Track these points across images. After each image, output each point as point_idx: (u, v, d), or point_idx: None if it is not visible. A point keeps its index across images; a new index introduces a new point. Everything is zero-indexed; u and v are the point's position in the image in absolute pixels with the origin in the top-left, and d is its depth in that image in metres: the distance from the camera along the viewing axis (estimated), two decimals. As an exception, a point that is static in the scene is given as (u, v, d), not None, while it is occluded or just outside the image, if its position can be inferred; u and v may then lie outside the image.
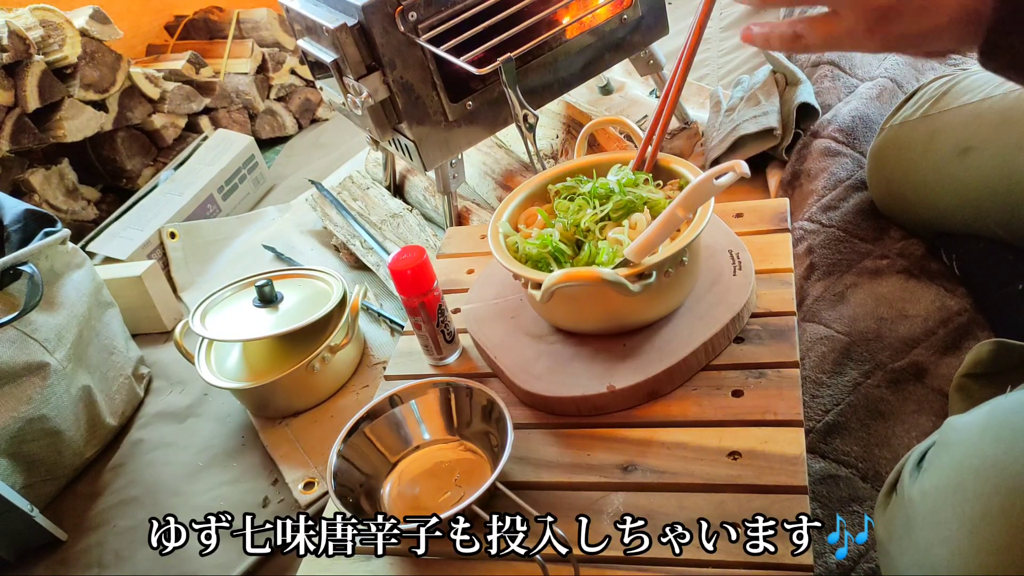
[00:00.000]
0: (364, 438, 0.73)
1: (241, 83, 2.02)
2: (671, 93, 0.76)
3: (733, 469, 0.63)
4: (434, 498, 0.70)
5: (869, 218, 1.08)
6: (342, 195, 1.49)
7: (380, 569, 0.66)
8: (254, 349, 1.15)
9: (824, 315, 0.97)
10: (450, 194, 1.24)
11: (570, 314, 0.76)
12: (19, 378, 1.05)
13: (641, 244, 0.67)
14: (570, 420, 0.72)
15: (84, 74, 1.69)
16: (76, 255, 1.20)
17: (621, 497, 0.65)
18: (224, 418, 1.18)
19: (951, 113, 0.94)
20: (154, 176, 1.84)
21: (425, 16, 1.02)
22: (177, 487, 1.09)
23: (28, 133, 1.65)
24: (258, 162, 1.83)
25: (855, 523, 0.78)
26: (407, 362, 0.86)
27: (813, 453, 0.84)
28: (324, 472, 1.00)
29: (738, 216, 0.88)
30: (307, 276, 1.20)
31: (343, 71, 1.05)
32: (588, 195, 0.76)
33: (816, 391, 0.89)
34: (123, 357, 1.24)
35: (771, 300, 0.77)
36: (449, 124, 1.12)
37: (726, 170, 0.63)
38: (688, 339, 0.72)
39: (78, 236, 1.67)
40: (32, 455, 1.08)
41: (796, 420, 0.65)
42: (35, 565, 1.05)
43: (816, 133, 1.22)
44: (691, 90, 1.55)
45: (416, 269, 0.77)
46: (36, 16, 1.65)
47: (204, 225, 1.63)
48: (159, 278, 1.40)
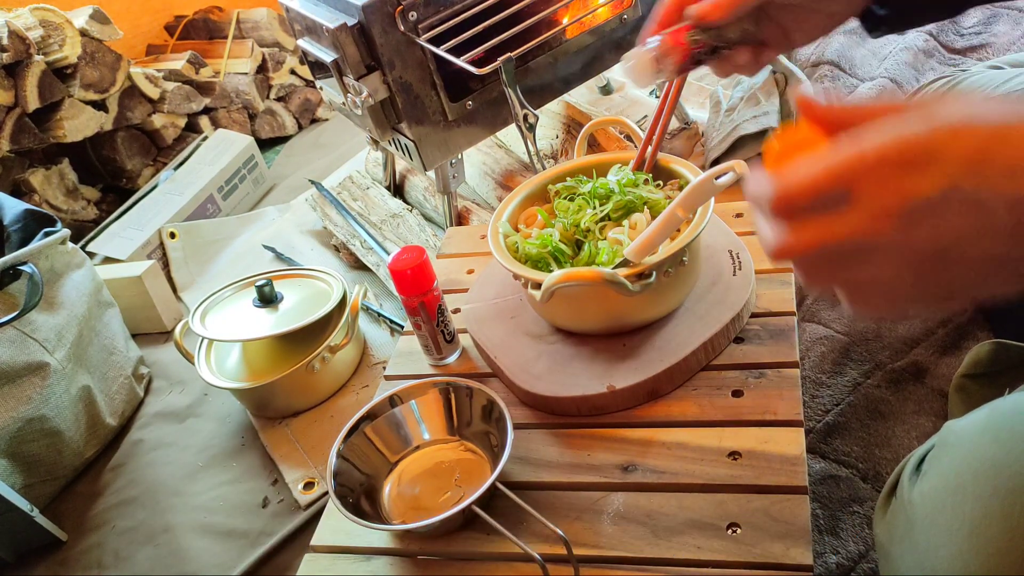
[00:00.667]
0: (364, 438, 0.73)
1: (241, 83, 2.02)
2: (671, 93, 0.76)
3: (733, 469, 0.63)
4: (434, 498, 0.69)
5: (869, 218, 1.08)
6: (342, 195, 1.49)
7: (380, 569, 0.66)
8: (254, 349, 1.15)
9: (824, 315, 0.97)
10: (450, 194, 1.24)
11: (570, 314, 0.76)
12: (19, 378, 1.05)
13: (641, 244, 0.67)
14: (570, 420, 0.72)
15: (84, 74, 1.69)
16: (76, 255, 1.20)
17: (621, 497, 0.64)
18: (224, 418, 1.18)
19: None
20: (154, 176, 1.84)
21: (425, 16, 1.02)
22: (177, 487, 1.09)
23: (28, 133, 1.65)
24: (258, 162, 1.83)
25: (855, 523, 0.78)
26: (407, 362, 0.86)
27: (813, 453, 0.84)
28: (324, 472, 1.00)
29: (738, 216, 0.88)
30: (307, 276, 1.20)
31: (343, 71, 1.05)
32: (588, 195, 0.76)
33: (816, 391, 0.89)
34: (123, 357, 1.24)
35: (771, 300, 0.77)
36: (449, 124, 1.12)
37: (726, 170, 0.63)
38: (688, 339, 0.72)
39: (78, 236, 1.67)
40: (32, 455, 1.08)
41: (796, 420, 0.65)
42: (35, 565, 1.05)
43: (816, 133, 1.22)
44: (691, 90, 1.55)
45: (416, 269, 0.77)
46: (36, 16, 1.65)
47: (204, 225, 1.63)
48: (159, 278, 1.40)
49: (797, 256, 0.38)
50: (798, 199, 0.37)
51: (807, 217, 0.37)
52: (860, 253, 0.37)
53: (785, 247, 0.38)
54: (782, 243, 0.38)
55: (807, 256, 0.38)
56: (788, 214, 0.37)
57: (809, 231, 0.37)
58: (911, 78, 1.31)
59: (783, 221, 0.38)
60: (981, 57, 1.36)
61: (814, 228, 0.37)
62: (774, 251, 0.39)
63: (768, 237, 0.39)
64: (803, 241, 0.37)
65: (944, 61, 1.37)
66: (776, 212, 0.38)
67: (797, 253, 0.38)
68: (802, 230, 0.37)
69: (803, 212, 0.37)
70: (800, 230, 0.37)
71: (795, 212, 0.37)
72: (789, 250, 0.38)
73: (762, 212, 0.39)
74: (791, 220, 0.38)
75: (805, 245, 0.37)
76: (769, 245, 0.39)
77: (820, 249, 0.37)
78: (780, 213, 0.38)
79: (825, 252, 0.37)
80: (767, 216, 0.38)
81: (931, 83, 1.01)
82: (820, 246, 0.37)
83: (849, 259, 0.37)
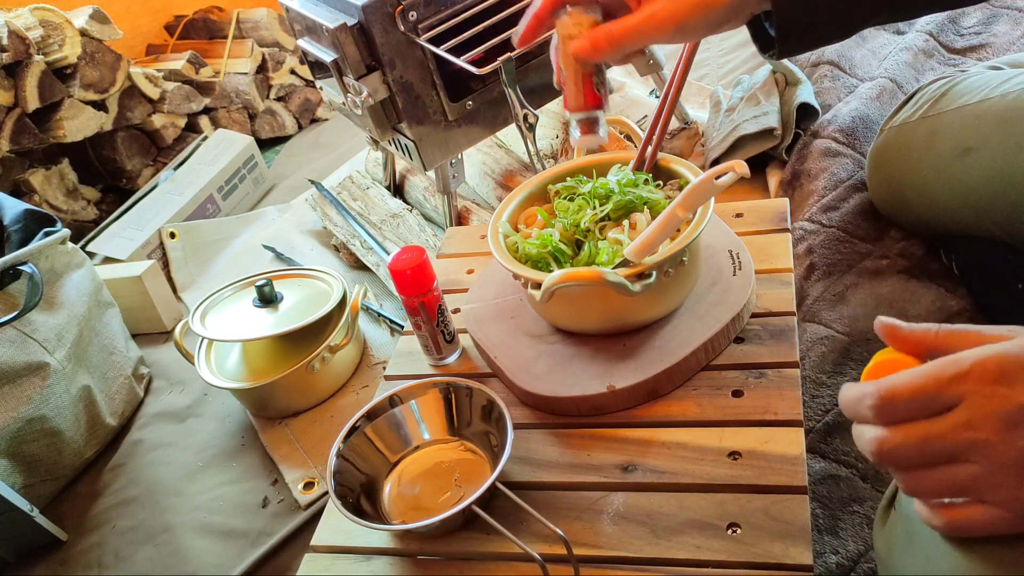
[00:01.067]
0: (364, 438, 0.73)
1: (241, 83, 2.02)
2: (671, 93, 0.76)
3: (733, 469, 0.63)
4: (434, 498, 0.69)
5: (869, 218, 1.08)
6: (342, 195, 1.49)
7: (380, 569, 0.66)
8: (254, 349, 1.15)
9: (824, 315, 0.97)
10: (450, 194, 1.24)
11: (570, 314, 0.76)
12: (19, 378, 1.05)
13: (641, 244, 0.67)
14: (570, 420, 0.72)
15: (84, 74, 1.69)
16: (76, 255, 1.20)
17: (621, 497, 0.64)
18: (224, 418, 1.18)
19: (950, 115, 0.94)
20: (154, 176, 1.84)
21: (425, 16, 1.02)
22: (177, 487, 1.09)
23: (28, 133, 1.65)
24: (258, 162, 1.83)
25: (855, 523, 0.78)
26: (407, 362, 0.86)
27: (813, 453, 0.84)
28: (324, 472, 1.00)
29: (738, 216, 0.88)
30: (307, 276, 1.20)
31: (343, 71, 1.05)
32: (588, 195, 0.76)
33: (816, 391, 0.89)
34: (123, 357, 1.24)
35: (771, 300, 0.76)
36: (449, 124, 1.12)
37: (726, 170, 0.63)
38: (688, 339, 0.72)
39: (78, 236, 1.67)
40: (32, 455, 1.08)
41: (796, 420, 0.65)
42: (35, 565, 1.05)
43: (816, 133, 1.22)
44: (691, 90, 1.55)
45: (416, 269, 0.77)
46: (36, 16, 1.65)
47: (204, 225, 1.63)
48: (159, 278, 1.40)
49: (899, 451, 0.40)
50: (900, 400, 0.39)
51: (909, 419, 0.39)
52: (961, 452, 0.38)
53: (887, 443, 0.40)
54: (883, 439, 0.40)
55: (908, 452, 0.39)
56: (890, 415, 0.39)
57: (912, 429, 0.39)
58: (911, 78, 1.31)
59: (884, 422, 0.40)
60: (981, 57, 1.36)
61: (917, 427, 0.39)
62: (875, 449, 0.40)
63: (867, 437, 0.40)
64: (906, 437, 0.39)
65: (944, 61, 1.37)
66: (878, 411, 0.39)
67: (899, 449, 0.39)
68: (906, 428, 0.39)
69: (905, 413, 0.39)
70: (903, 429, 0.39)
71: (898, 412, 0.39)
72: (891, 446, 0.39)
73: (860, 415, 0.41)
74: (893, 420, 0.39)
75: (906, 441, 0.39)
76: (868, 444, 0.40)
77: (921, 443, 0.39)
78: (882, 413, 0.39)
79: (926, 448, 0.39)
80: (868, 417, 0.40)
81: (930, 83, 1.01)
82: (922, 440, 0.39)
83: (949, 457, 0.39)
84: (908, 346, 0.42)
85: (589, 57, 0.61)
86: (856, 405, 0.41)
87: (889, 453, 0.40)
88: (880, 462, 0.41)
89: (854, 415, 0.41)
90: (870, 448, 0.40)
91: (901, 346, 0.42)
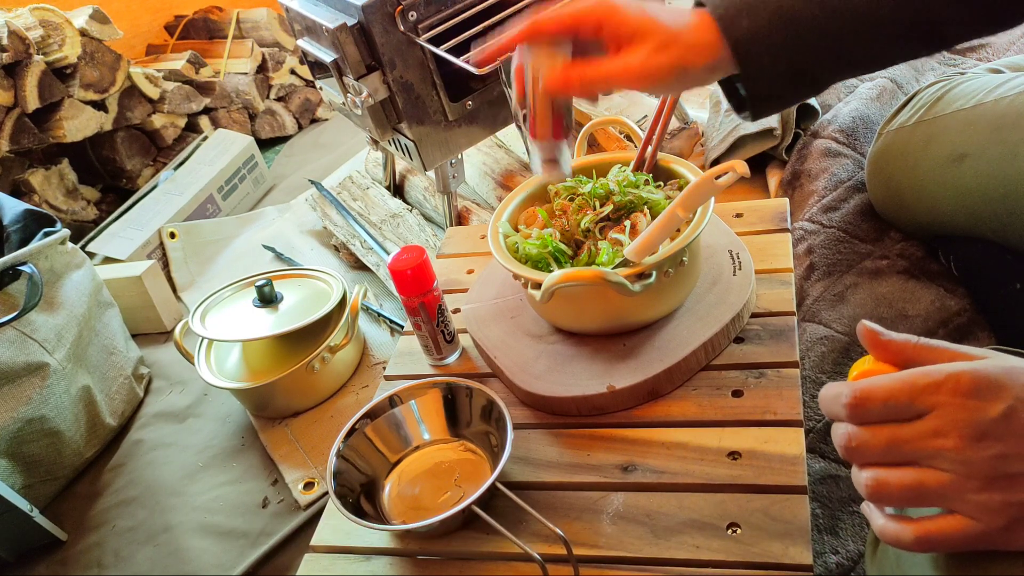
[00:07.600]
0: (364, 438, 0.73)
1: (241, 83, 2.02)
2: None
3: (733, 469, 0.63)
4: (434, 498, 0.69)
5: (869, 219, 1.08)
6: (342, 195, 1.49)
7: (380, 569, 0.66)
8: (254, 349, 1.15)
9: (824, 315, 0.97)
10: (450, 194, 1.24)
11: (570, 314, 0.76)
12: (19, 378, 1.05)
13: (641, 244, 0.67)
14: (570, 420, 0.72)
15: (84, 74, 1.69)
16: (76, 255, 1.20)
17: (621, 497, 0.64)
18: (224, 418, 1.18)
19: (945, 119, 0.95)
20: (154, 176, 1.84)
21: (425, 16, 1.02)
22: (177, 487, 1.09)
23: (28, 133, 1.65)
24: (258, 162, 1.83)
25: (855, 523, 0.78)
26: (407, 362, 0.86)
27: (813, 453, 0.84)
28: (324, 472, 1.00)
29: (738, 216, 0.88)
30: (307, 276, 1.20)
31: (343, 71, 1.05)
32: (588, 195, 0.76)
33: (816, 391, 0.89)
34: (123, 357, 1.24)
35: (771, 300, 0.77)
36: (449, 124, 1.12)
37: (726, 170, 0.63)
38: (688, 339, 0.72)
39: (78, 236, 1.67)
40: (32, 455, 1.08)
41: (796, 420, 0.65)
42: (35, 565, 1.05)
43: (816, 133, 1.22)
44: (691, 90, 1.55)
45: (416, 269, 0.77)
46: (36, 16, 1.65)
47: (204, 225, 1.63)
48: (159, 278, 1.40)
49: (866, 448, 0.41)
50: (873, 403, 0.40)
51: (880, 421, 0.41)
52: (927, 457, 0.40)
53: (855, 439, 0.41)
54: (852, 435, 0.41)
55: (874, 450, 0.41)
56: (863, 415, 0.41)
57: (881, 430, 0.41)
58: (911, 78, 1.31)
59: (857, 421, 0.41)
60: (981, 57, 1.36)
61: (886, 428, 0.40)
62: (843, 443, 0.42)
63: (839, 432, 0.42)
64: (874, 434, 0.41)
65: (944, 61, 1.38)
66: (851, 410, 0.41)
67: (865, 445, 0.41)
68: (875, 428, 0.41)
69: (876, 415, 0.41)
70: (872, 429, 0.41)
71: (870, 414, 0.41)
72: (859, 442, 0.41)
73: (835, 413, 0.42)
74: (864, 421, 0.41)
75: (874, 438, 0.41)
76: (839, 439, 0.42)
77: (889, 443, 0.41)
78: (855, 412, 0.41)
79: (893, 448, 0.40)
80: (841, 416, 0.42)
81: (927, 87, 1.01)
82: (889, 440, 0.40)
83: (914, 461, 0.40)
84: (887, 354, 0.43)
85: (558, 94, 0.62)
86: (832, 403, 0.42)
87: (856, 449, 0.41)
88: (847, 456, 0.42)
89: (830, 413, 0.43)
90: (840, 442, 0.42)
91: (880, 353, 0.43)
